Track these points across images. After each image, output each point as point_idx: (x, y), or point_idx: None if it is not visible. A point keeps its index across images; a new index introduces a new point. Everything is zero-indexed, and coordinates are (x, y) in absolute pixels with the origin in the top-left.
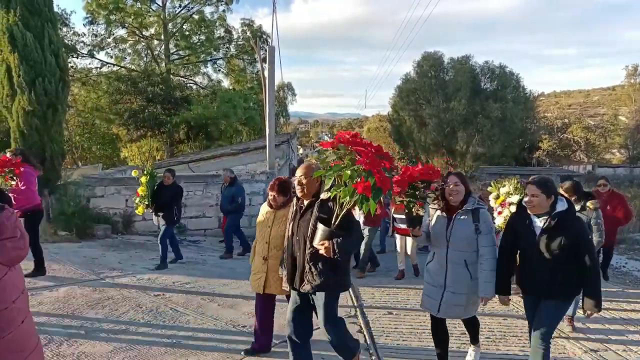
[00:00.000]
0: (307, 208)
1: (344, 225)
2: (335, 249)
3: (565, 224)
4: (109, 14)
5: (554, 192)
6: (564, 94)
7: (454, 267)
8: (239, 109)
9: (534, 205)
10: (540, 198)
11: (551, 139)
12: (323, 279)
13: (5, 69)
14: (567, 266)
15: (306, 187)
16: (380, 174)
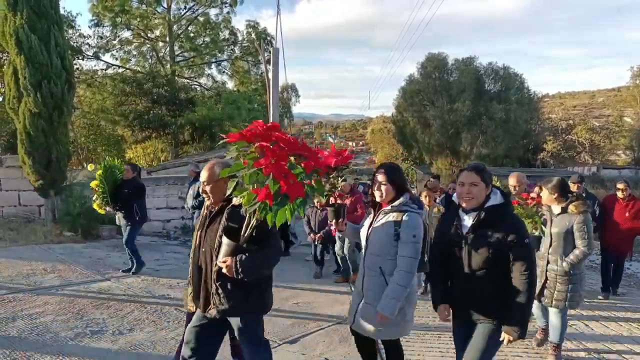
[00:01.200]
0: (216, 214)
1: (258, 238)
2: (238, 268)
3: (497, 221)
4: (114, 16)
5: (491, 182)
6: (569, 95)
7: (370, 274)
8: (244, 110)
9: (474, 196)
10: (480, 187)
11: (556, 141)
12: (232, 302)
13: (11, 71)
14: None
15: (211, 193)
16: (289, 179)
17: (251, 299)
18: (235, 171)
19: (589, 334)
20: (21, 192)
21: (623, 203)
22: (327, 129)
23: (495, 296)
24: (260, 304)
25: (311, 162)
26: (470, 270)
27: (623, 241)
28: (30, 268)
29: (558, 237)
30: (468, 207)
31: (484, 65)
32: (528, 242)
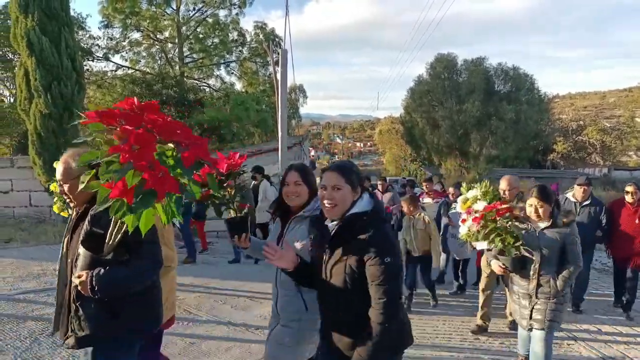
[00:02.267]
0: (80, 217)
1: (129, 247)
2: (93, 285)
3: (357, 233)
4: (124, 18)
5: (359, 184)
6: (579, 96)
7: (284, 292)
8: (252, 111)
9: (336, 203)
10: (344, 191)
11: (566, 141)
12: (92, 328)
13: (23, 73)
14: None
15: (70, 193)
16: (156, 171)
17: (120, 322)
18: (88, 161)
19: (600, 335)
20: (32, 192)
21: (632, 209)
22: (335, 129)
23: (358, 328)
24: (134, 327)
25: (194, 153)
26: (331, 295)
27: (634, 252)
28: (41, 268)
29: (547, 254)
30: (329, 216)
31: (494, 66)
32: (390, 262)
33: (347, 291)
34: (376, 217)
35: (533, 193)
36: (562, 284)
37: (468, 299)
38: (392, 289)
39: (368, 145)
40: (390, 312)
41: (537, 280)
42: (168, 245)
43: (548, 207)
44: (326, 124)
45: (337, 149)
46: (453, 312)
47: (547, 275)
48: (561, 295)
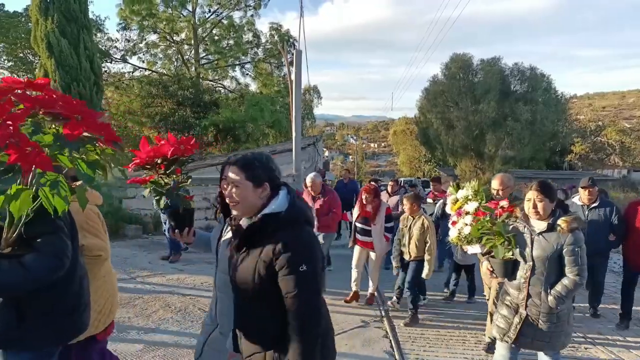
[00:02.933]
0: None
1: (28, 243)
2: None
3: (269, 235)
4: (141, 20)
5: (266, 179)
6: (598, 96)
7: (221, 297)
8: (266, 112)
9: (238, 201)
10: (242, 188)
11: (584, 142)
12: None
13: (42, 74)
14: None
15: None
16: (23, 146)
17: (23, 331)
18: None
19: (619, 337)
20: None
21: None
22: (349, 130)
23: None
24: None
25: (77, 126)
26: (241, 303)
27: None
28: None
29: (541, 262)
30: (236, 214)
31: (510, 66)
32: (305, 270)
33: (255, 300)
34: (293, 218)
35: (533, 186)
36: (554, 301)
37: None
38: (307, 302)
39: (382, 146)
40: (308, 330)
41: (527, 291)
42: (92, 233)
43: (549, 203)
44: (340, 124)
45: (351, 149)
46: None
47: (538, 287)
48: (554, 314)
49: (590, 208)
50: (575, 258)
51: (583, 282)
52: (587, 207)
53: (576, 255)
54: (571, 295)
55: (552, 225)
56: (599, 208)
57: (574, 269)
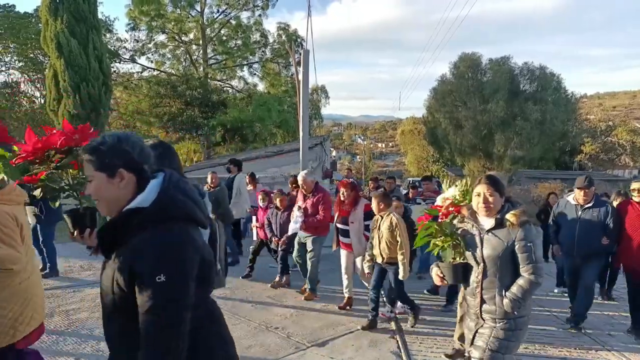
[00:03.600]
0: None
1: None
2: None
3: (124, 240)
4: (150, 20)
5: (123, 165)
6: (608, 96)
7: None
8: (274, 112)
9: (96, 197)
10: (96, 181)
11: (594, 142)
12: None
13: (52, 74)
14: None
15: None
16: None
17: None
18: None
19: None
20: None
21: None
22: (357, 130)
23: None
24: None
25: None
26: (106, 317)
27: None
28: (68, 265)
29: (492, 262)
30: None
31: (519, 65)
32: (164, 282)
33: (117, 313)
34: (160, 214)
35: (481, 180)
36: (509, 305)
37: None
38: (157, 322)
39: (390, 146)
40: (163, 353)
41: (480, 296)
42: (6, 243)
43: (499, 197)
44: (348, 124)
45: (359, 149)
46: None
47: (492, 290)
48: (511, 319)
49: (584, 208)
50: (528, 254)
51: (539, 280)
52: (580, 207)
53: (529, 252)
54: (528, 296)
55: (500, 221)
56: (592, 208)
57: (528, 266)
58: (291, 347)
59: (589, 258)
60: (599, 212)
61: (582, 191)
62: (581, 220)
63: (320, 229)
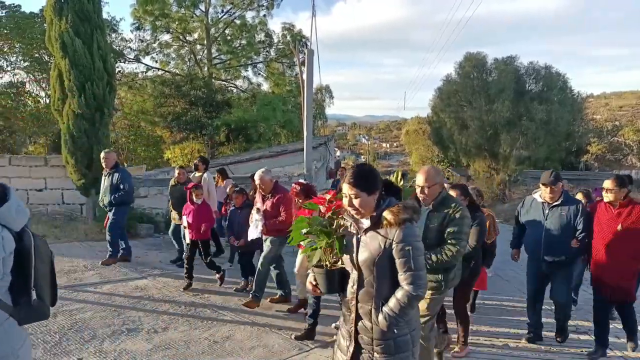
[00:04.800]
0: None
1: None
2: None
3: None
4: (154, 20)
5: None
6: (615, 95)
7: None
8: (278, 112)
9: None
10: None
11: (600, 142)
12: None
13: (57, 74)
14: None
15: None
16: None
17: None
18: None
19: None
20: (64, 190)
21: (614, 211)
22: (361, 130)
23: None
24: None
25: None
26: None
27: (617, 274)
28: (72, 265)
29: (368, 268)
30: None
31: (525, 65)
32: None
33: None
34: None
35: (345, 177)
36: (384, 322)
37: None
38: None
39: (394, 146)
40: None
41: (356, 310)
42: None
43: (367, 197)
44: (352, 124)
45: (363, 149)
46: None
47: (368, 303)
48: (390, 339)
49: (552, 206)
50: (406, 260)
51: (419, 292)
52: (547, 205)
53: (407, 257)
54: (407, 311)
55: (377, 219)
56: (561, 207)
57: (406, 275)
58: (294, 348)
59: (558, 266)
60: (568, 211)
61: (547, 188)
62: (548, 220)
63: (281, 231)
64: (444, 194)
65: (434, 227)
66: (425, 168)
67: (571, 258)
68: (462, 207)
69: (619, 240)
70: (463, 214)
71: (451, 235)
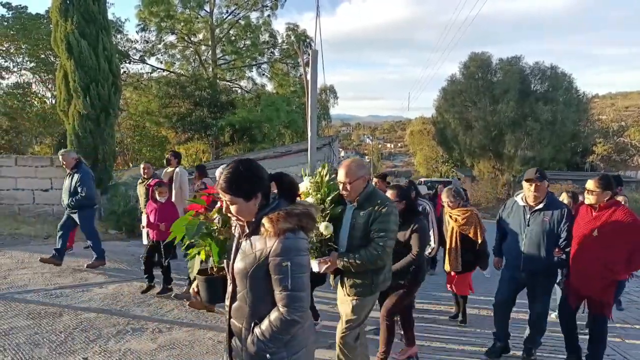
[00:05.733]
0: None
1: None
2: None
3: None
4: (160, 21)
5: None
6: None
7: None
8: (282, 112)
9: None
10: None
11: (606, 143)
12: None
13: (62, 75)
14: None
15: None
16: None
17: None
18: None
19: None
20: None
21: (593, 214)
22: (365, 130)
23: None
24: None
25: None
26: None
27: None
28: (77, 264)
29: (241, 281)
30: None
31: (530, 65)
32: None
33: None
34: None
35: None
36: (252, 347)
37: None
38: None
39: (399, 146)
40: None
41: (229, 326)
42: None
43: (245, 202)
44: (356, 124)
45: (367, 150)
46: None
47: (240, 320)
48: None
49: (534, 211)
50: (282, 278)
51: (296, 317)
52: (529, 210)
53: (284, 275)
54: (280, 338)
55: (256, 225)
56: (544, 211)
57: (282, 295)
58: None
59: (538, 276)
60: (552, 216)
61: (532, 185)
62: (529, 226)
63: None
64: (370, 189)
65: (360, 226)
66: (346, 161)
67: (554, 269)
68: (389, 203)
69: (594, 247)
70: (389, 210)
71: (376, 233)
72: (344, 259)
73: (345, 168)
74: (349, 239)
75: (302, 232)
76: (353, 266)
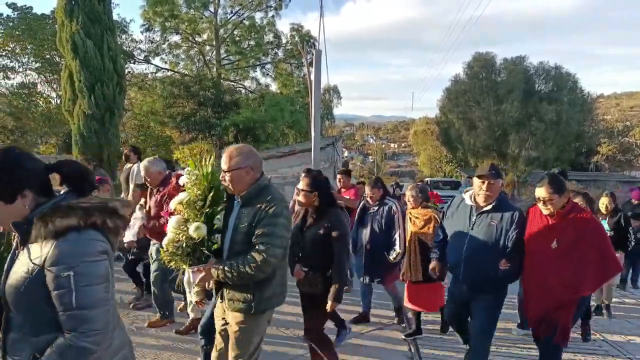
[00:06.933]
0: None
1: None
2: None
3: None
4: (164, 21)
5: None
6: (626, 96)
7: None
8: (286, 112)
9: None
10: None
11: (611, 143)
12: None
13: (67, 75)
14: None
15: None
16: None
17: None
18: None
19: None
20: None
21: (549, 222)
22: (369, 130)
23: None
24: None
25: None
26: None
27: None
28: None
29: (13, 304)
30: None
31: (534, 65)
32: None
33: None
34: None
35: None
36: None
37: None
38: None
39: (402, 146)
40: None
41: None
42: None
43: (2, 205)
44: (360, 124)
45: (371, 150)
46: None
47: (17, 356)
48: None
49: (480, 212)
50: (63, 294)
51: (87, 343)
52: (475, 211)
53: (65, 288)
54: None
55: (28, 227)
56: (492, 213)
57: (65, 317)
58: (301, 348)
59: (480, 289)
60: (501, 220)
61: (484, 183)
62: (474, 230)
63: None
64: (261, 184)
65: (243, 228)
66: (231, 147)
67: (500, 283)
68: (278, 202)
69: (551, 261)
70: (277, 210)
71: (259, 238)
72: (220, 267)
73: (226, 154)
74: (230, 243)
75: (93, 231)
76: (228, 277)
